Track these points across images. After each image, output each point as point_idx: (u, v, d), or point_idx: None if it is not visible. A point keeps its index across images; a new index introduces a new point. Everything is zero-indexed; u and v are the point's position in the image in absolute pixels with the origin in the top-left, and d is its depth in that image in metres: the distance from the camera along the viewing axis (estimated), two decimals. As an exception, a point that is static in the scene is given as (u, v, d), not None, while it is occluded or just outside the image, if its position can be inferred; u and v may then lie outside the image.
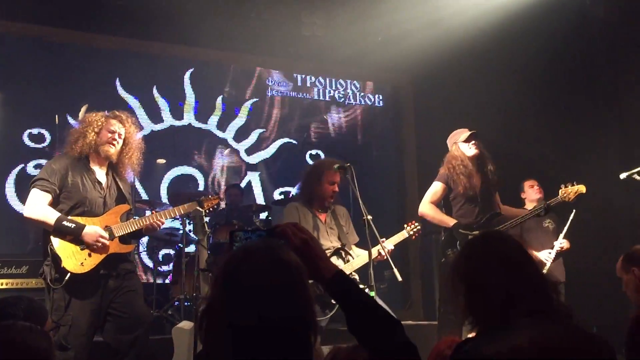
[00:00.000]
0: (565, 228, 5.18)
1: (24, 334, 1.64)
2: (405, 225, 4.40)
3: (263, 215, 6.60)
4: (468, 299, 1.58)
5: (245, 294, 1.24)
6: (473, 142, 4.58)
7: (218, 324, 1.24)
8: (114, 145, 3.66)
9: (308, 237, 1.51)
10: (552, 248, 5.22)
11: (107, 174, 3.72)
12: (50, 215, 3.40)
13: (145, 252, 6.72)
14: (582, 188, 4.41)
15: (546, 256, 5.16)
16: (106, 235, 3.45)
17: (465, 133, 4.62)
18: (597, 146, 6.21)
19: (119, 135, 3.68)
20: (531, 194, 5.64)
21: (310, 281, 1.48)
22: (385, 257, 3.95)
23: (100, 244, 3.41)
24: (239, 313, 1.23)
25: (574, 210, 5.08)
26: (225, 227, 5.92)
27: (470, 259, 1.64)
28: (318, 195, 4.25)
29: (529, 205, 5.38)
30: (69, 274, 3.34)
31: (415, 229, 4.37)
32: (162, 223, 3.72)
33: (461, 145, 4.61)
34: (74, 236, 3.39)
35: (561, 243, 5.23)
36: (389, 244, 4.13)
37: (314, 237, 1.53)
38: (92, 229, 3.43)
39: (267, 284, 1.25)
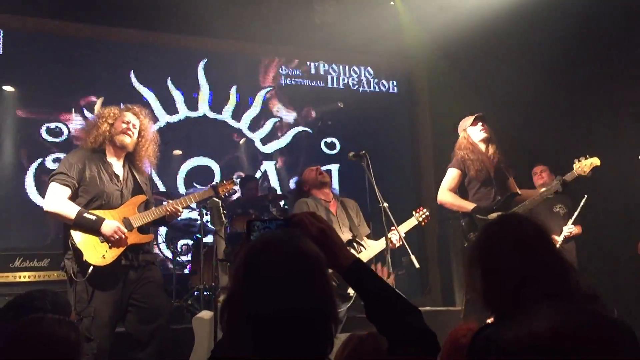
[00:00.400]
0: (576, 213, 5.14)
1: (54, 326, 1.68)
2: (414, 212, 4.39)
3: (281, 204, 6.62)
4: (483, 283, 1.57)
5: (266, 286, 1.24)
6: (481, 124, 4.56)
7: (239, 315, 1.25)
8: (129, 135, 3.69)
9: (325, 226, 1.51)
10: (560, 233, 5.18)
11: (123, 166, 3.75)
12: (71, 209, 3.45)
13: (164, 243, 6.79)
14: (596, 160, 4.37)
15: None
16: (124, 229, 3.50)
17: (470, 117, 4.60)
18: (614, 128, 6.14)
19: (134, 126, 3.71)
20: (534, 180, 5.70)
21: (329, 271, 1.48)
22: (397, 245, 3.96)
23: (118, 237, 3.46)
24: (259, 304, 1.23)
25: (586, 196, 5.03)
26: (242, 217, 5.95)
27: (483, 244, 1.63)
28: (309, 182, 4.37)
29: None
30: (91, 267, 3.39)
31: (424, 215, 4.37)
32: (180, 210, 3.75)
33: (469, 130, 4.59)
34: (94, 229, 3.44)
35: (570, 229, 5.19)
36: (403, 228, 4.15)
37: (331, 226, 1.53)
38: (111, 222, 3.47)
39: (287, 275, 1.25)
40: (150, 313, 3.54)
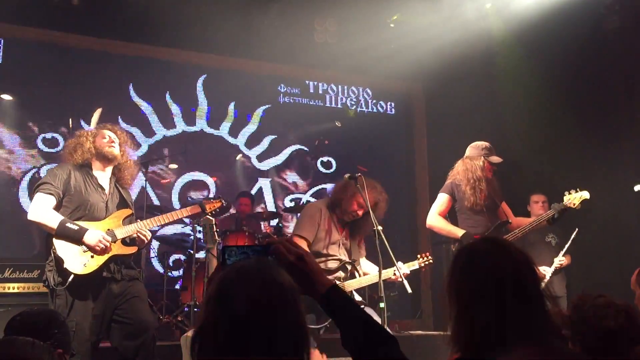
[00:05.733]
0: (567, 245, 5.10)
1: (26, 349, 1.64)
2: (419, 256, 4.30)
3: (273, 222, 6.61)
4: (458, 316, 1.51)
5: (238, 316, 1.22)
6: (495, 168, 4.55)
7: (211, 346, 1.23)
8: (114, 147, 3.76)
9: (303, 252, 1.50)
10: (551, 264, 5.18)
11: (110, 182, 3.79)
12: (54, 218, 3.45)
13: (155, 258, 6.75)
14: (586, 194, 4.37)
15: (544, 271, 5.09)
16: (108, 238, 3.49)
17: (497, 157, 4.55)
18: (609, 158, 6.14)
19: (112, 140, 3.77)
20: (535, 209, 5.63)
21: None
22: (399, 279, 3.90)
23: (102, 246, 3.45)
24: (231, 335, 1.21)
25: (577, 229, 5.01)
26: (236, 234, 5.93)
27: (457, 278, 1.55)
28: (342, 208, 4.17)
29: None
30: (72, 276, 3.38)
31: (427, 262, 4.29)
32: (148, 238, 3.73)
33: (486, 163, 4.54)
34: (77, 238, 3.43)
35: (560, 260, 5.18)
36: (406, 268, 4.11)
37: (308, 253, 1.53)
38: (94, 232, 3.46)
39: (259, 306, 1.23)
40: (136, 329, 3.52)
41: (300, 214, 4.44)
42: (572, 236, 5.03)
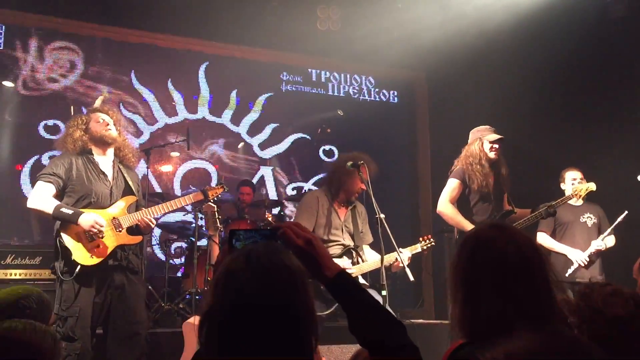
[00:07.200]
0: (610, 228, 4.82)
1: (29, 333, 1.64)
2: (420, 239, 4.28)
3: (275, 211, 6.60)
4: (461, 310, 1.50)
5: (246, 300, 1.21)
6: (497, 146, 4.51)
7: (218, 329, 1.22)
8: (110, 129, 3.73)
9: (310, 236, 1.49)
10: (586, 246, 4.83)
11: (113, 166, 3.76)
12: (49, 204, 3.46)
13: (157, 245, 6.75)
14: (592, 186, 4.36)
15: (578, 257, 4.81)
16: (103, 221, 3.47)
17: (494, 134, 4.51)
18: (613, 147, 6.11)
19: (107, 123, 3.74)
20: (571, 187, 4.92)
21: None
22: (400, 265, 3.89)
23: (95, 230, 3.43)
24: (239, 319, 1.20)
25: (626, 212, 4.73)
26: (238, 222, 5.94)
27: (463, 265, 1.54)
28: (347, 189, 4.16)
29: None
30: (79, 267, 3.40)
31: (429, 244, 4.25)
32: (153, 224, 3.72)
33: (486, 143, 4.51)
34: (72, 222, 3.43)
35: (599, 245, 4.81)
36: (408, 252, 4.09)
37: (316, 237, 1.51)
38: (89, 215, 3.45)
39: (268, 290, 1.23)
40: (130, 328, 3.56)
41: (298, 205, 4.43)
42: (619, 219, 4.76)
